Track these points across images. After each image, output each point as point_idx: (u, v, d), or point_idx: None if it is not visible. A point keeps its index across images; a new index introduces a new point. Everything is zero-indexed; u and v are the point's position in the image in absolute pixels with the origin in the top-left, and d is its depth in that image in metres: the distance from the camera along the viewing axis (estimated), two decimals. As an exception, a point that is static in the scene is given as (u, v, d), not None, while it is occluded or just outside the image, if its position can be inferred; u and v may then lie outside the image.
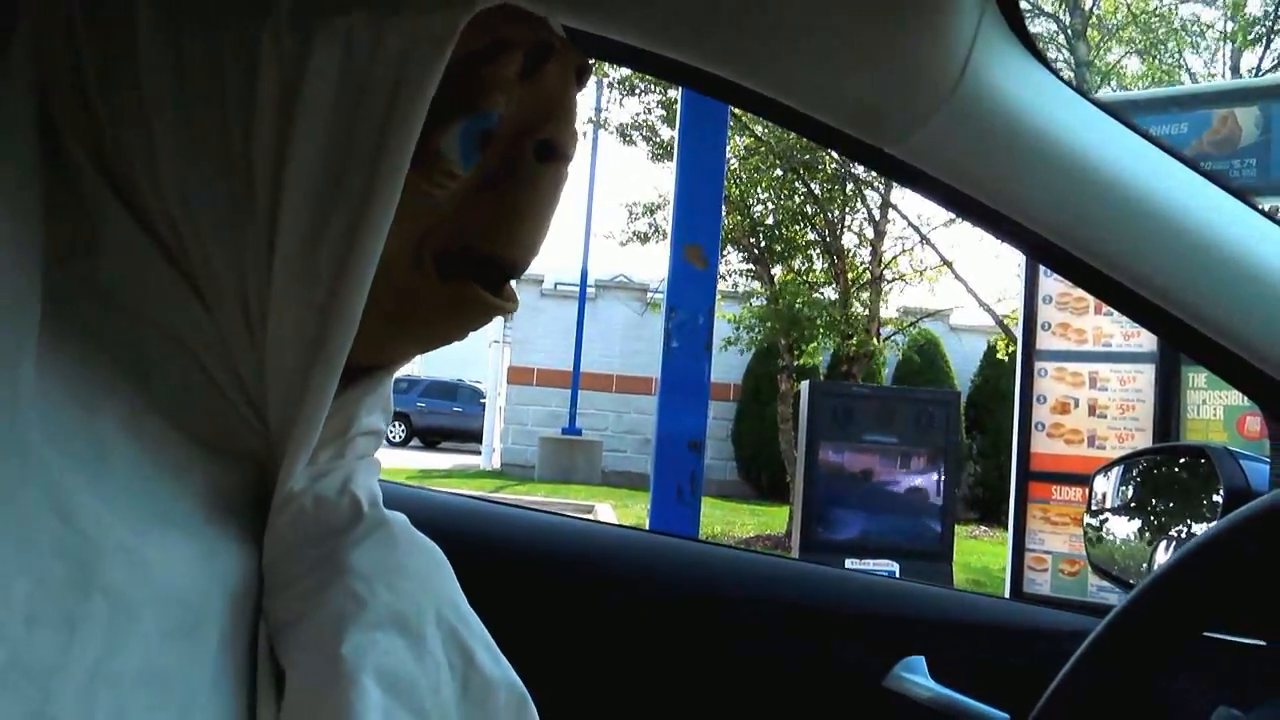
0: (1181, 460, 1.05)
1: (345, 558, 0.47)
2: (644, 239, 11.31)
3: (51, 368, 0.41)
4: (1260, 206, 0.76)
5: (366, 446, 0.53)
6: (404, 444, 19.43)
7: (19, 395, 0.40)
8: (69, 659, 0.37)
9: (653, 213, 11.18)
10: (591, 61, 0.54)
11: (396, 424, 19.70)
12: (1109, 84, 11.32)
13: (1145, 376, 4.02)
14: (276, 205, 0.44)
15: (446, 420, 20.02)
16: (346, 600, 0.46)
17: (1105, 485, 1.10)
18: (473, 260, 0.49)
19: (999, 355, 10.03)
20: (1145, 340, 3.97)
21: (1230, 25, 11.78)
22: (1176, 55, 12.34)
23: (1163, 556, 0.94)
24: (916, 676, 0.94)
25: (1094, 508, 1.10)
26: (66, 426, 0.41)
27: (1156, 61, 12.02)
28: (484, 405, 17.46)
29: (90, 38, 0.45)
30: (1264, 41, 11.43)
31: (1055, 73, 0.73)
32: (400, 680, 0.45)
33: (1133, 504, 1.06)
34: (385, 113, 0.43)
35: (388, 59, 0.43)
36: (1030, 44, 0.71)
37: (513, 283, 0.53)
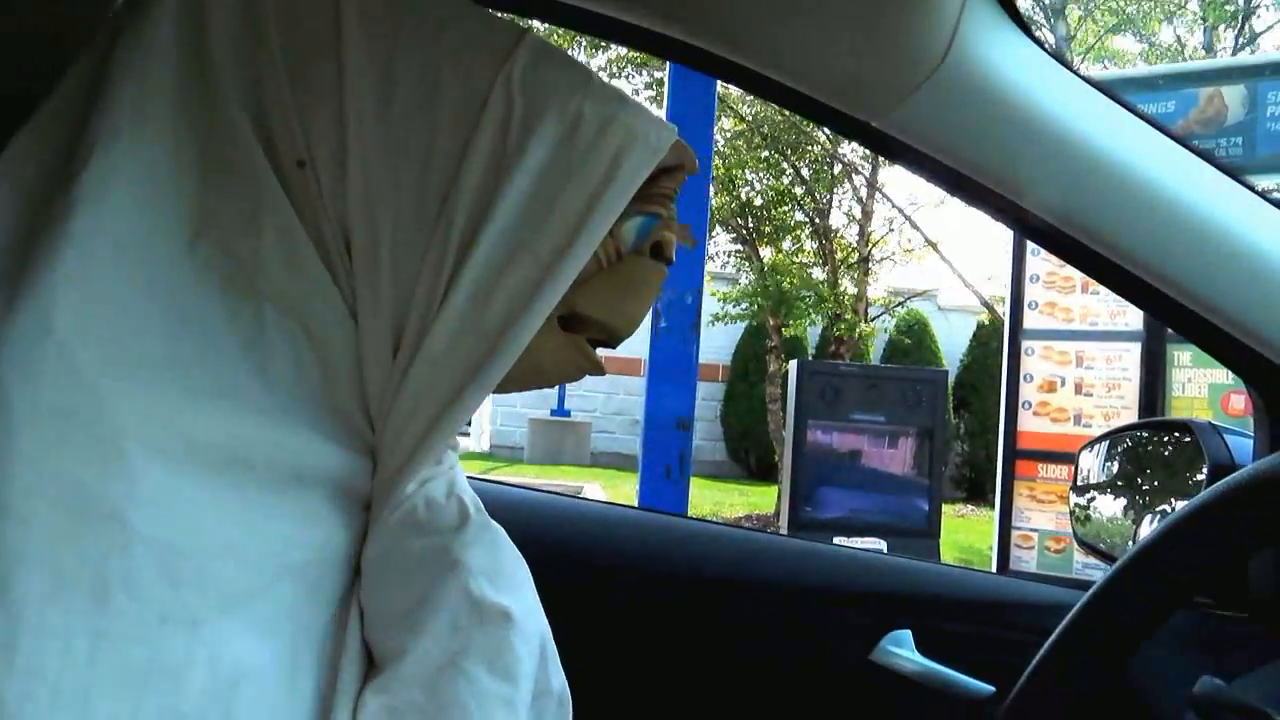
0: (1166, 435, 1.05)
1: (459, 556, 0.50)
2: None
3: (184, 357, 0.43)
4: (1250, 184, 0.76)
5: (453, 457, 0.58)
6: (392, 426, 19.38)
7: (141, 378, 0.42)
8: (193, 657, 0.39)
9: None
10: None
11: (385, 406, 19.64)
12: (1102, 64, 11.30)
13: (1131, 355, 4.04)
14: (471, 242, 0.47)
15: (435, 402, 19.97)
16: (462, 596, 0.49)
17: (1091, 461, 1.10)
18: (587, 324, 0.55)
19: (985, 326, 10.02)
20: (1131, 319, 3.99)
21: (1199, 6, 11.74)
22: (1153, 35, 12.32)
23: (1148, 531, 0.94)
24: (903, 650, 0.95)
25: (1080, 483, 1.10)
26: (198, 426, 0.43)
27: (1141, 40, 12.00)
28: (472, 387, 17.43)
29: (279, 21, 0.47)
30: (1238, 22, 11.41)
31: (1042, 45, 0.73)
32: (514, 673, 0.48)
33: (1118, 479, 1.07)
34: (593, 192, 0.49)
35: (606, 149, 0.49)
36: (1017, 17, 0.71)
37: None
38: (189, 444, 0.42)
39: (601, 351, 0.59)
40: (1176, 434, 1.00)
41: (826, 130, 8.80)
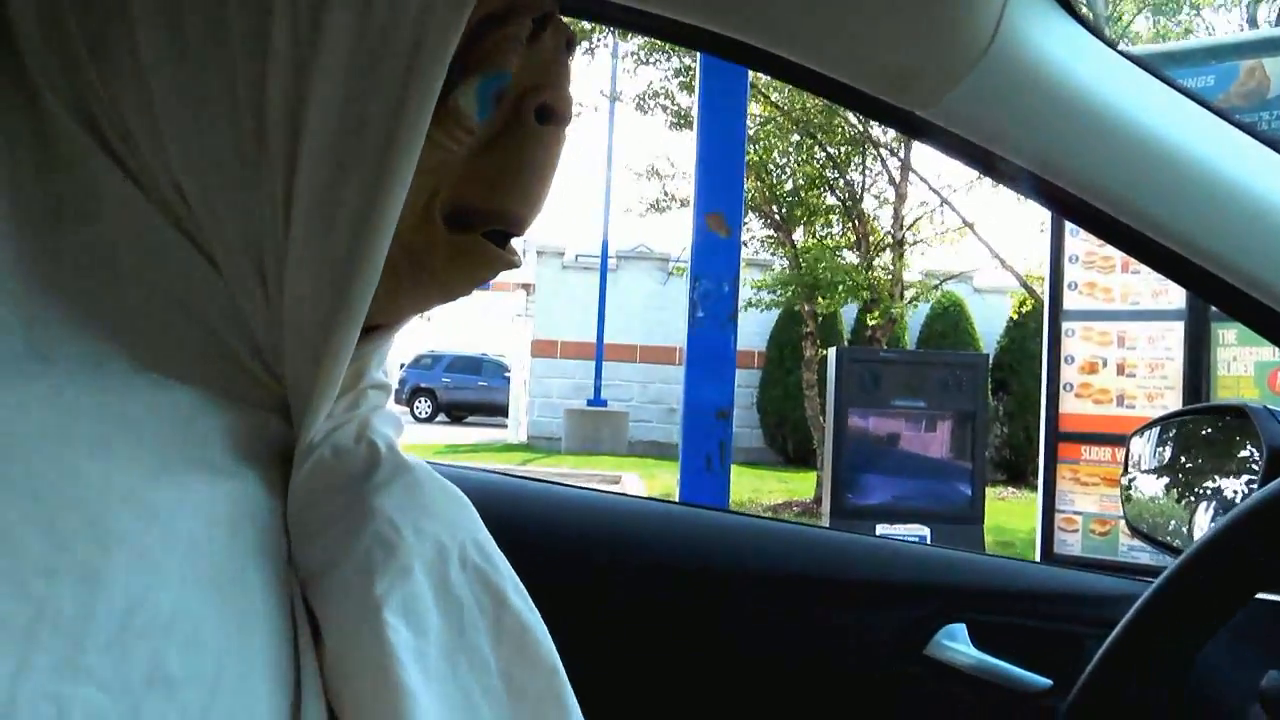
0: (1220, 420, 1.03)
1: (370, 503, 0.48)
2: (660, 208, 11.27)
3: (48, 329, 0.42)
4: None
5: (378, 398, 0.55)
6: (430, 419, 19.53)
7: (13, 354, 0.40)
8: (95, 610, 0.37)
9: (660, 177, 11.15)
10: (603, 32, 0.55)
11: (422, 400, 19.84)
12: (1128, 41, 11.09)
13: (1174, 334, 3.97)
14: (292, 163, 0.44)
15: (472, 395, 20.10)
16: (375, 544, 0.46)
17: (1142, 447, 1.08)
18: (479, 215, 0.50)
19: (1013, 314, 9.90)
20: (1174, 298, 3.93)
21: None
22: (1193, 10, 12.05)
23: (1203, 518, 0.92)
24: (958, 644, 0.94)
25: (1131, 470, 1.08)
26: (67, 385, 0.41)
27: (1167, 21, 11.75)
28: (508, 379, 17.53)
29: (70, 1, 0.45)
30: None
31: (1089, 27, 0.71)
32: (426, 621, 0.46)
33: (1171, 465, 1.05)
34: (405, 69, 0.44)
35: (407, 17, 0.43)
36: (1064, -1, 0.69)
37: (535, 255, 0.53)
38: (56, 400, 0.40)
39: (633, 341, 0.55)
40: (1230, 418, 0.98)
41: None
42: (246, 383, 0.48)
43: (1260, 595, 0.85)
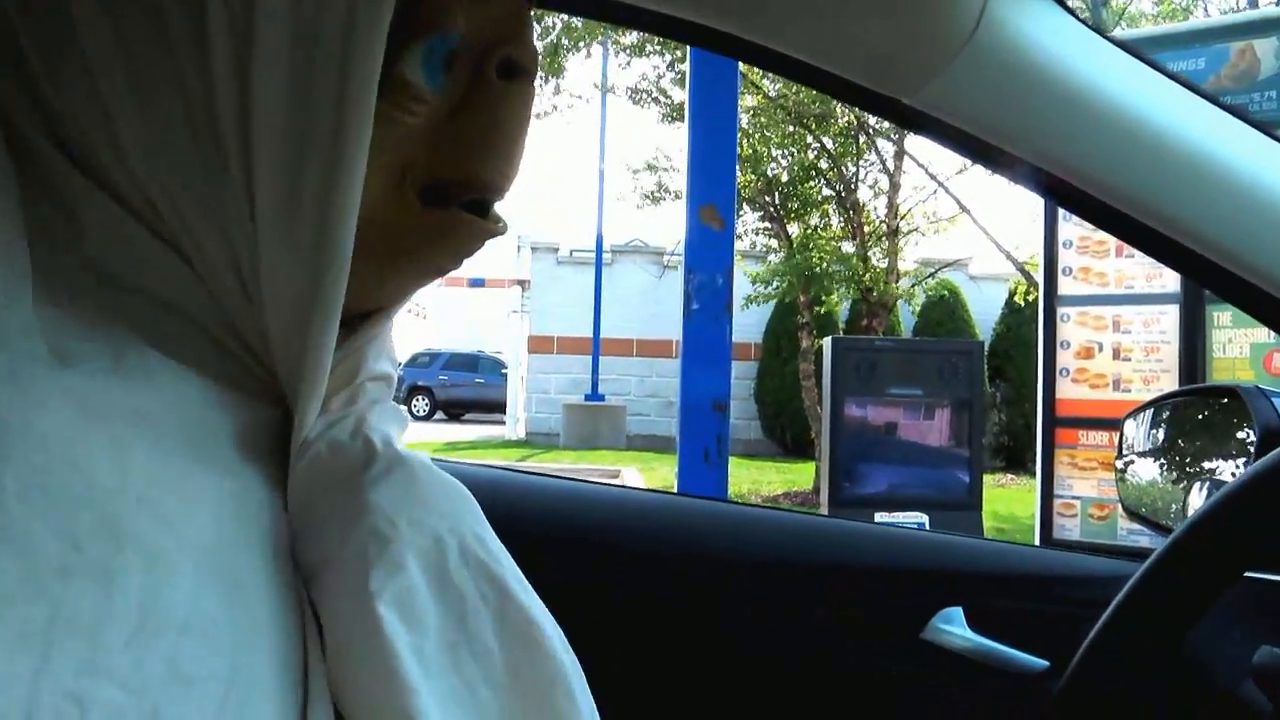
0: (1212, 401, 1.04)
1: (366, 498, 0.47)
2: (655, 199, 11.29)
3: (66, 333, 0.42)
4: (1285, 139, 0.75)
5: (377, 391, 0.54)
6: (428, 417, 19.53)
7: (19, 361, 0.40)
8: (112, 609, 0.37)
9: (654, 170, 11.18)
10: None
11: (420, 398, 19.83)
12: (1123, 24, 11.07)
13: (1169, 318, 3.98)
14: (249, 158, 0.43)
15: (469, 392, 20.09)
16: (370, 539, 0.46)
17: (1135, 429, 1.09)
18: (453, 186, 0.49)
19: (1018, 300, 9.91)
20: (1168, 281, 3.94)
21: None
22: None
23: (1197, 498, 0.93)
24: (954, 628, 0.95)
25: (1125, 452, 1.09)
26: (87, 384, 0.41)
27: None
28: (506, 375, 17.52)
29: (25, 25, 0.45)
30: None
31: (1072, 13, 0.72)
32: (422, 615, 0.45)
33: (1164, 447, 1.06)
34: (343, 46, 0.42)
35: None
36: (1047, -15, 0.70)
37: (530, 251, 0.52)
38: (67, 393, 0.40)
39: (629, 335, 0.54)
40: (1223, 399, 0.98)
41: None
42: (248, 378, 0.48)
43: (1250, 574, 0.85)
